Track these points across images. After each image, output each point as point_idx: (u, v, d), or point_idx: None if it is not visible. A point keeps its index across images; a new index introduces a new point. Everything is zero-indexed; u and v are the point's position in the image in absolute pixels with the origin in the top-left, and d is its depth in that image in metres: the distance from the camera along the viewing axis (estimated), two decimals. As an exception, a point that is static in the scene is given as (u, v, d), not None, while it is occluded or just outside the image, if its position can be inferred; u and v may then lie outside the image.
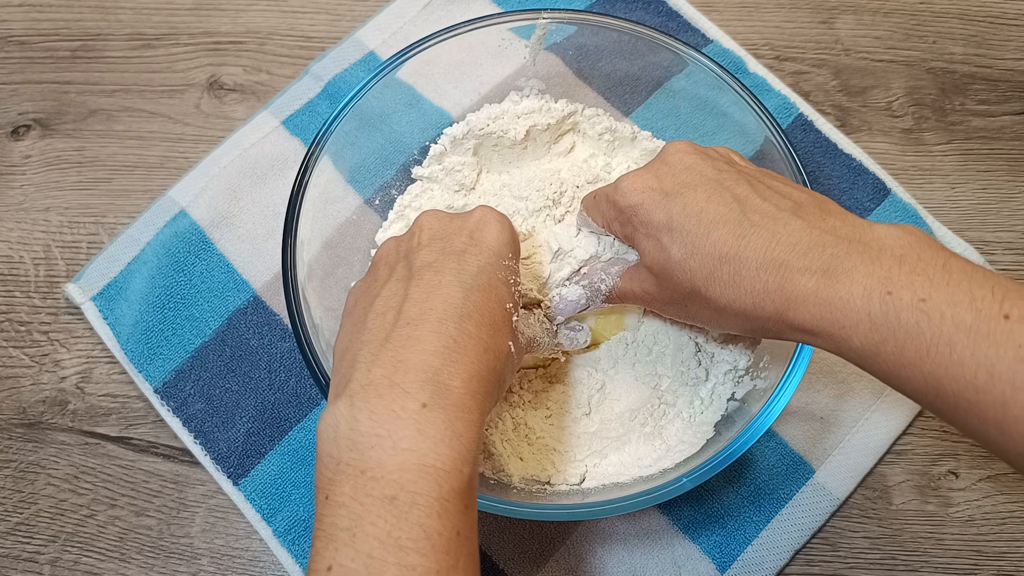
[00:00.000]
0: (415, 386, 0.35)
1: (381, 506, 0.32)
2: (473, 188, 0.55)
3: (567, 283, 0.47)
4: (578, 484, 0.48)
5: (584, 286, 0.46)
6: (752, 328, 0.39)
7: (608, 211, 0.43)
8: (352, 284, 0.44)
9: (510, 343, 0.39)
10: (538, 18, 0.52)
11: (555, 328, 0.48)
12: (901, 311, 0.32)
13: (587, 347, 0.50)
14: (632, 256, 0.45)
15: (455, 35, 0.52)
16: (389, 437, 0.33)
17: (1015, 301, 0.31)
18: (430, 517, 0.32)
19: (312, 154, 0.49)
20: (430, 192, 0.54)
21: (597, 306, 0.47)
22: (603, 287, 0.46)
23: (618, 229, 0.44)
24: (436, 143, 0.54)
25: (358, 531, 0.32)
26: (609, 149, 0.55)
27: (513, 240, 0.42)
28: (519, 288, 0.42)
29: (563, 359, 0.51)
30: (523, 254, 0.47)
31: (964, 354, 0.31)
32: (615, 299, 0.46)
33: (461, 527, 0.33)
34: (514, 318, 0.40)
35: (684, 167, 0.40)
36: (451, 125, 0.55)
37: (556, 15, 0.52)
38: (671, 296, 0.41)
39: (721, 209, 0.38)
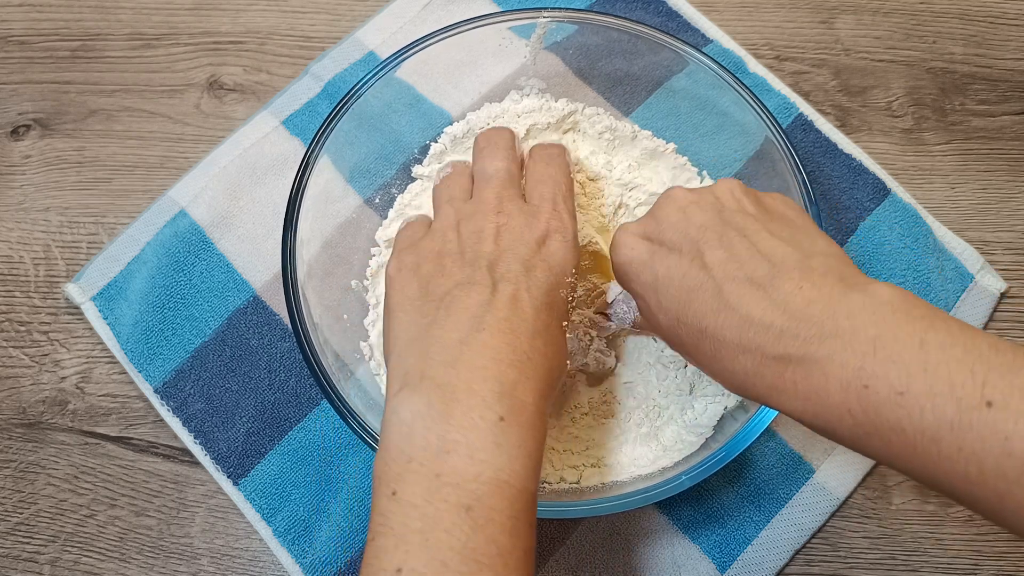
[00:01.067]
0: (493, 397, 0.35)
1: (457, 515, 0.32)
2: None
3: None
4: (576, 483, 0.48)
5: (613, 314, 0.47)
6: (742, 395, 0.38)
7: (612, 264, 0.43)
8: (402, 227, 0.45)
9: (568, 362, 0.40)
10: (538, 17, 0.52)
11: (590, 345, 0.48)
12: (880, 407, 0.31)
13: (606, 372, 0.50)
14: None
15: (455, 34, 0.52)
16: (467, 445, 0.33)
17: (996, 382, 0.29)
18: (503, 534, 0.32)
19: (311, 153, 0.49)
20: (429, 192, 0.54)
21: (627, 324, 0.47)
22: (626, 314, 0.46)
23: (619, 279, 0.43)
24: (436, 142, 0.54)
25: (431, 536, 0.32)
26: (609, 148, 0.55)
27: (576, 256, 0.42)
28: (573, 305, 0.42)
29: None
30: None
31: (951, 450, 0.30)
32: (641, 327, 0.46)
33: (528, 546, 0.34)
34: (568, 335, 0.41)
35: (670, 223, 0.39)
36: (451, 124, 0.55)
37: (556, 14, 0.52)
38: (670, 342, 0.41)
39: (699, 278, 0.37)
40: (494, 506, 0.33)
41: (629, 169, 0.53)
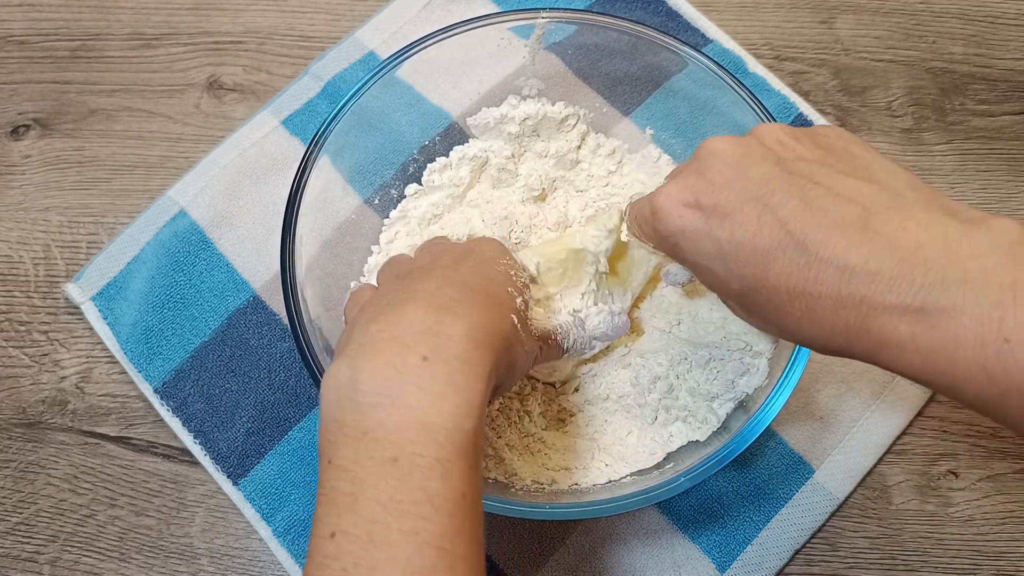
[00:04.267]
0: (415, 338, 0.33)
1: (383, 469, 0.31)
2: (464, 196, 0.55)
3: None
4: (576, 483, 0.48)
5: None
6: (838, 355, 0.34)
7: (651, 235, 0.38)
8: (347, 301, 0.44)
9: (514, 317, 0.38)
10: (537, 18, 0.52)
11: (584, 319, 0.45)
12: None
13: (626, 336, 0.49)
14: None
15: (454, 34, 0.52)
16: (389, 395, 0.32)
17: None
18: (432, 479, 0.31)
19: (311, 153, 0.49)
20: (429, 194, 0.54)
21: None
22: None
23: (667, 251, 0.38)
24: (447, 156, 0.55)
25: (360, 495, 0.31)
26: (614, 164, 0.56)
27: (507, 251, 0.43)
28: (521, 279, 0.41)
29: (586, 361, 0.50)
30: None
31: None
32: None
33: (466, 488, 0.32)
34: (517, 299, 0.40)
35: (723, 181, 0.34)
36: (451, 124, 0.55)
37: (555, 15, 0.52)
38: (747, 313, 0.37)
39: (777, 235, 0.32)
40: (420, 451, 0.31)
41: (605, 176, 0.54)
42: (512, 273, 0.41)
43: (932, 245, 0.29)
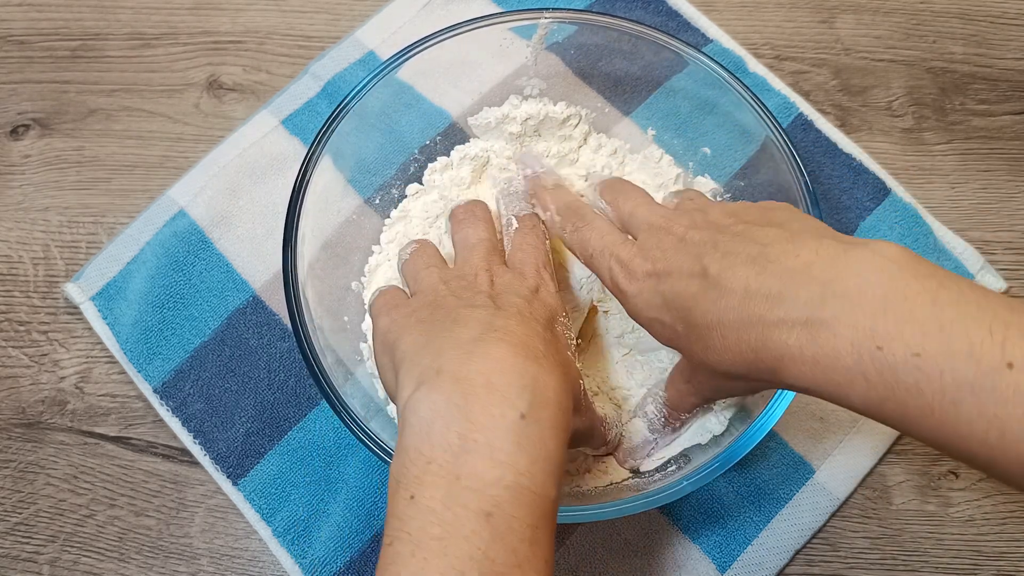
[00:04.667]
0: (514, 392, 0.33)
1: (476, 521, 0.31)
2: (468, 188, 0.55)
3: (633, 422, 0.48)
4: (577, 486, 0.48)
5: (643, 418, 0.47)
6: (756, 389, 0.39)
7: (613, 289, 0.42)
8: (375, 296, 0.44)
9: (582, 383, 0.39)
10: (539, 18, 0.52)
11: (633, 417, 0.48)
12: (896, 369, 0.30)
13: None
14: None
15: (455, 35, 0.52)
16: (487, 444, 0.32)
17: (1016, 342, 0.28)
18: (523, 543, 0.31)
19: (313, 154, 0.49)
20: (430, 195, 0.54)
21: (666, 435, 0.47)
22: (654, 410, 0.46)
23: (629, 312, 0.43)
24: (447, 156, 0.55)
25: (450, 543, 0.31)
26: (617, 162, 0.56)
27: (559, 302, 0.43)
28: (574, 342, 0.42)
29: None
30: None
31: (971, 413, 0.29)
32: (672, 411, 0.46)
33: (549, 556, 0.32)
34: (578, 365, 0.40)
35: (672, 253, 0.39)
36: (451, 123, 0.55)
37: (557, 15, 0.52)
38: (689, 367, 0.42)
39: (701, 284, 0.37)
40: (514, 513, 0.31)
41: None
42: (567, 336, 0.41)
43: (818, 264, 0.33)
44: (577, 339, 0.45)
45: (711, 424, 0.47)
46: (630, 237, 0.43)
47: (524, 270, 0.43)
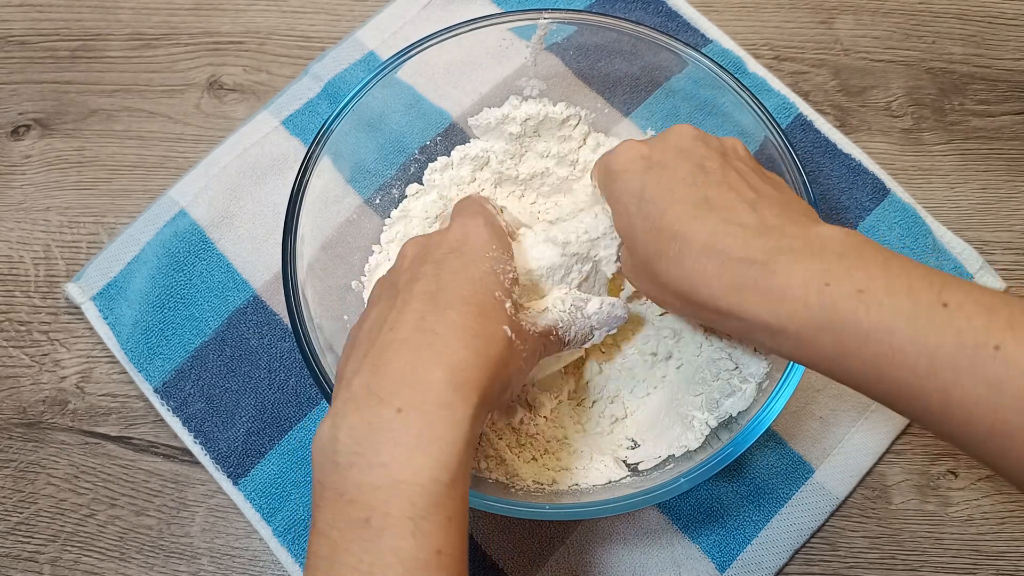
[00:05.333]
0: (390, 390, 0.33)
1: (355, 532, 0.31)
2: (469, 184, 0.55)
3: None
4: (576, 484, 0.48)
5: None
6: (690, 312, 0.40)
7: (602, 173, 0.43)
8: (346, 303, 0.44)
9: (507, 329, 0.37)
10: (539, 18, 0.52)
11: (585, 308, 0.44)
12: (839, 300, 0.32)
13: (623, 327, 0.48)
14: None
15: (455, 35, 0.52)
16: (365, 454, 0.32)
17: (952, 291, 0.31)
18: (403, 539, 0.30)
19: (312, 154, 0.49)
20: (430, 194, 0.55)
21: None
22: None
23: (604, 188, 0.43)
24: (447, 156, 0.55)
25: (336, 560, 0.31)
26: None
27: (494, 235, 0.40)
28: (511, 276, 0.39)
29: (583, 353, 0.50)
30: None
31: (904, 341, 0.31)
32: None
33: (442, 544, 0.31)
34: (507, 304, 0.38)
35: (676, 147, 0.41)
36: (451, 124, 0.55)
37: (556, 15, 0.52)
38: (634, 266, 0.41)
39: (688, 190, 0.38)
40: (389, 511, 0.31)
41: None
42: (499, 270, 0.39)
43: (791, 226, 0.36)
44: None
45: (687, 439, 0.46)
46: None
47: (455, 219, 0.42)
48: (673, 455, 0.47)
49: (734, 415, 0.46)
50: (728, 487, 0.52)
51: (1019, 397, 0.29)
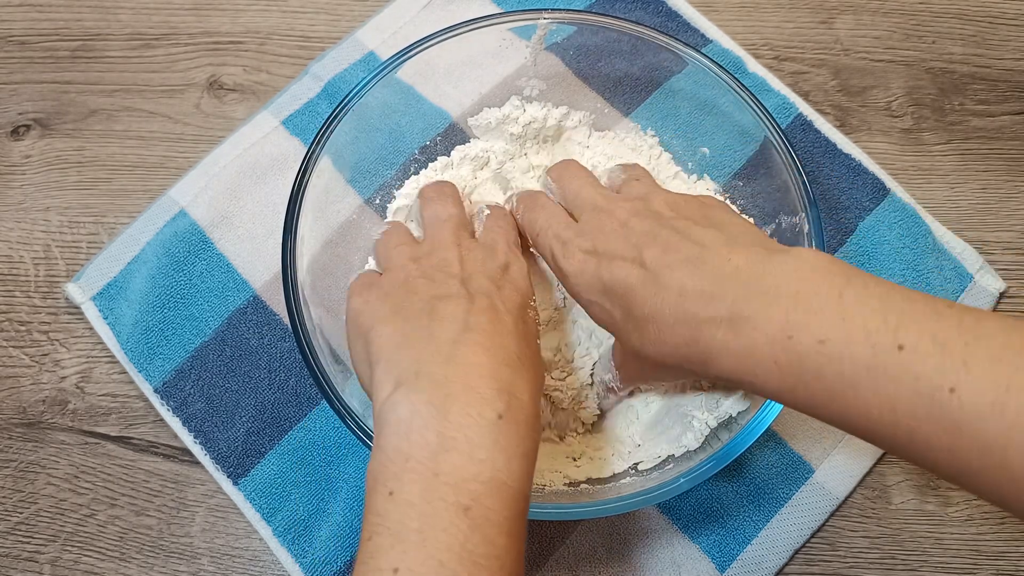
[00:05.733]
0: (492, 394, 0.35)
1: (455, 514, 0.32)
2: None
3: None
4: (576, 484, 0.48)
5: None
6: (688, 378, 0.41)
7: (554, 268, 0.44)
8: (353, 279, 0.44)
9: (545, 375, 0.41)
10: (539, 19, 0.52)
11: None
12: (804, 357, 0.33)
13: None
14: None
15: (455, 35, 0.52)
16: (466, 443, 0.33)
17: (908, 327, 0.31)
18: (500, 535, 0.32)
19: (312, 154, 0.49)
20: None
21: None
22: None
23: (566, 286, 0.44)
24: (447, 156, 0.55)
25: (429, 535, 0.31)
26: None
27: (530, 282, 0.43)
28: (538, 320, 0.43)
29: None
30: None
31: (867, 393, 0.32)
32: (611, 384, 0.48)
33: (521, 549, 0.34)
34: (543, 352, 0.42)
35: (617, 234, 0.41)
36: (451, 124, 0.55)
37: (556, 15, 0.52)
38: (624, 354, 0.43)
39: (640, 274, 0.39)
40: (491, 506, 0.32)
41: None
42: (536, 320, 0.42)
43: (747, 269, 0.36)
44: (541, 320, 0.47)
45: (687, 440, 0.47)
46: (574, 221, 0.44)
47: (495, 247, 0.44)
48: (673, 455, 0.47)
49: (734, 415, 0.46)
50: (728, 487, 0.52)
51: (977, 440, 0.29)
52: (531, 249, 0.48)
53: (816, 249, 0.36)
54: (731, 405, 0.46)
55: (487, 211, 0.47)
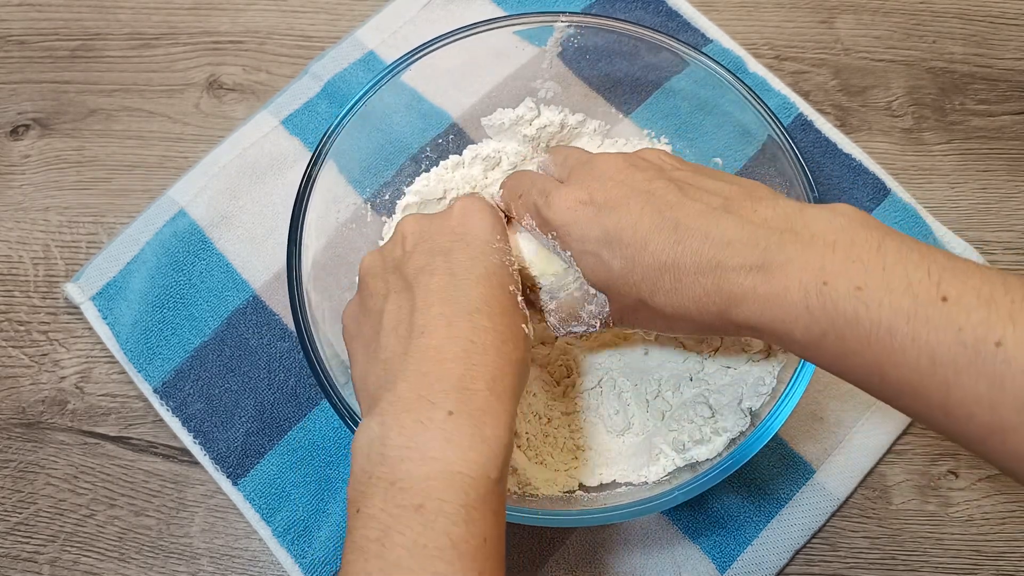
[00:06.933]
0: (440, 395, 0.35)
1: (409, 515, 0.32)
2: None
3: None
4: (576, 489, 0.48)
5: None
6: (701, 330, 0.39)
7: (539, 223, 0.43)
8: (347, 303, 0.44)
9: (524, 326, 0.39)
10: (555, 21, 0.53)
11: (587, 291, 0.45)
12: (838, 301, 0.32)
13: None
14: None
15: (459, 39, 0.52)
16: (417, 448, 0.34)
17: (951, 282, 0.31)
18: (456, 524, 0.32)
19: (318, 158, 0.49)
20: (430, 189, 0.55)
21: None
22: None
23: (553, 240, 0.43)
24: (448, 158, 0.55)
25: (387, 541, 0.32)
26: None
27: (496, 223, 0.42)
28: (514, 267, 0.42)
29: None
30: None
31: (905, 340, 0.31)
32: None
33: (488, 533, 0.33)
34: (519, 299, 0.40)
35: (615, 181, 0.40)
36: (451, 124, 0.55)
37: (571, 19, 0.53)
38: (620, 308, 0.41)
39: (655, 219, 0.38)
40: (445, 498, 0.33)
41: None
42: (507, 262, 0.41)
43: (776, 219, 0.35)
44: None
45: (647, 472, 0.47)
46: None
47: (449, 212, 0.43)
48: (631, 483, 0.47)
49: (699, 461, 0.46)
50: (729, 488, 0.51)
51: (1019, 394, 0.29)
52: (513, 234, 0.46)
53: (846, 203, 0.35)
54: (698, 453, 0.46)
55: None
